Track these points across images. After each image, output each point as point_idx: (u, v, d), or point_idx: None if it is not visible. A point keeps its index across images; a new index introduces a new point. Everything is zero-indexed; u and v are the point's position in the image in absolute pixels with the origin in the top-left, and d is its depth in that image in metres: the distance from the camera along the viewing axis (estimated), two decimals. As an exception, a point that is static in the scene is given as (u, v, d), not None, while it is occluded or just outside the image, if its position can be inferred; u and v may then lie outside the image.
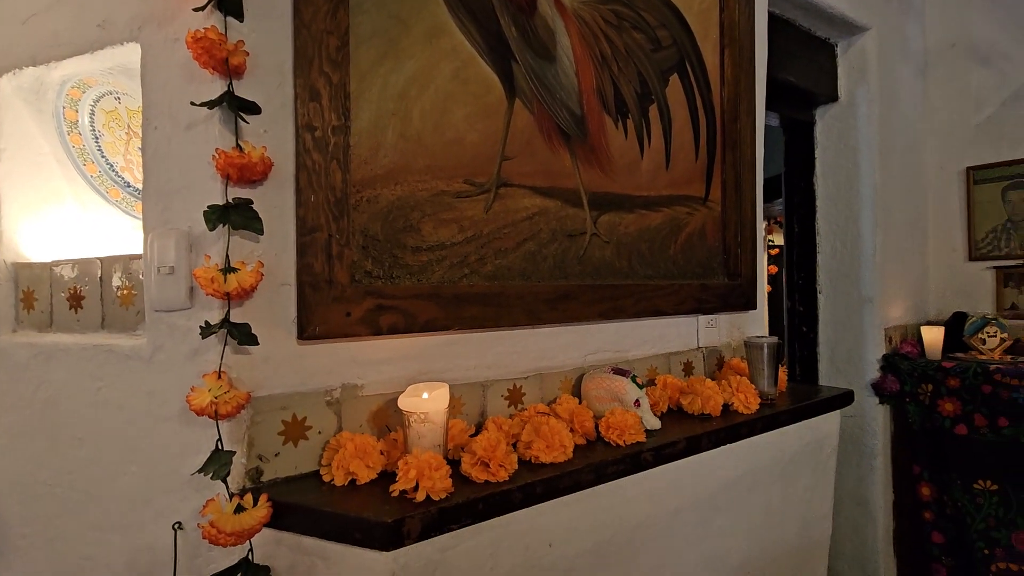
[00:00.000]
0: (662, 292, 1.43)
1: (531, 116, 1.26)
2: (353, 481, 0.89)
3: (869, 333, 2.18)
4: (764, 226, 4.72)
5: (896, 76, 2.31)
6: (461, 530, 0.82)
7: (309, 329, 0.92)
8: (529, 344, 1.22)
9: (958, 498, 1.94)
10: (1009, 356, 2.03)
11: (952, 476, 1.96)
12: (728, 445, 1.20)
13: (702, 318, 1.55)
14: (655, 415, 1.20)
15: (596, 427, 1.12)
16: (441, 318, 1.06)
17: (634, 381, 1.17)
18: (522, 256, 1.24)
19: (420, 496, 0.81)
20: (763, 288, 1.71)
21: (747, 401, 1.28)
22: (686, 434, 1.12)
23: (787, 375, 1.58)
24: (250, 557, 0.83)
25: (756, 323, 1.68)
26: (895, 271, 2.26)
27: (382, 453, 0.93)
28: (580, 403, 1.19)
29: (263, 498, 0.82)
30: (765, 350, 1.37)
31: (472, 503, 0.82)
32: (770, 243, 4.66)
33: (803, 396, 1.45)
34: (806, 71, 2.16)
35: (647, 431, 1.13)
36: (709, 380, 1.31)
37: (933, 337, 2.11)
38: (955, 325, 2.18)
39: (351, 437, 0.92)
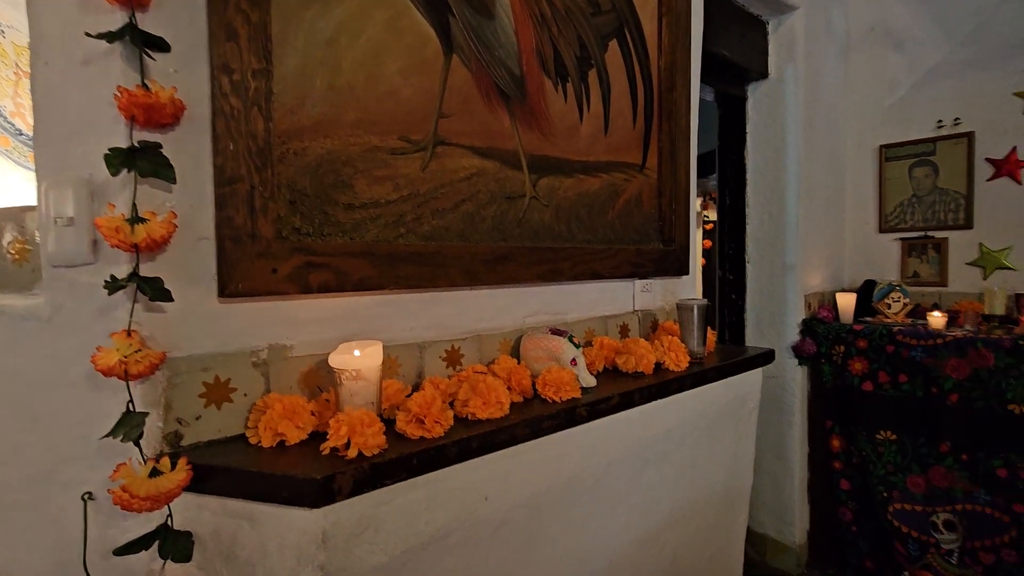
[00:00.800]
0: (600, 256, 1.46)
1: (469, 74, 1.23)
2: (282, 443, 0.86)
3: (791, 299, 2.32)
4: (700, 202, 4.91)
5: (821, 56, 2.43)
6: (395, 485, 0.81)
7: (231, 286, 0.87)
8: (467, 305, 1.21)
9: (863, 448, 2.13)
10: (910, 319, 2.23)
11: (858, 428, 2.14)
12: (659, 401, 1.25)
13: (638, 282, 1.59)
14: (591, 374, 1.23)
15: (533, 385, 1.13)
16: (375, 277, 1.03)
17: (571, 341, 1.19)
18: (460, 217, 1.23)
19: (352, 453, 0.79)
20: (696, 254, 1.77)
21: (678, 360, 1.34)
22: (620, 390, 1.16)
23: (716, 339, 1.67)
24: (169, 523, 0.79)
25: (689, 288, 1.74)
26: (815, 242, 2.41)
27: (313, 414, 0.91)
28: (519, 364, 1.20)
29: (182, 461, 0.77)
30: (695, 311, 1.43)
31: (406, 458, 0.81)
32: (706, 219, 4.85)
33: (729, 355, 1.53)
34: (740, 47, 2.23)
35: (583, 388, 1.16)
36: (643, 340, 1.35)
37: (846, 303, 2.28)
38: (865, 292, 2.36)
39: (279, 398, 0.88)
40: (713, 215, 3.99)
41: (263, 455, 0.83)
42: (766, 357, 1.59)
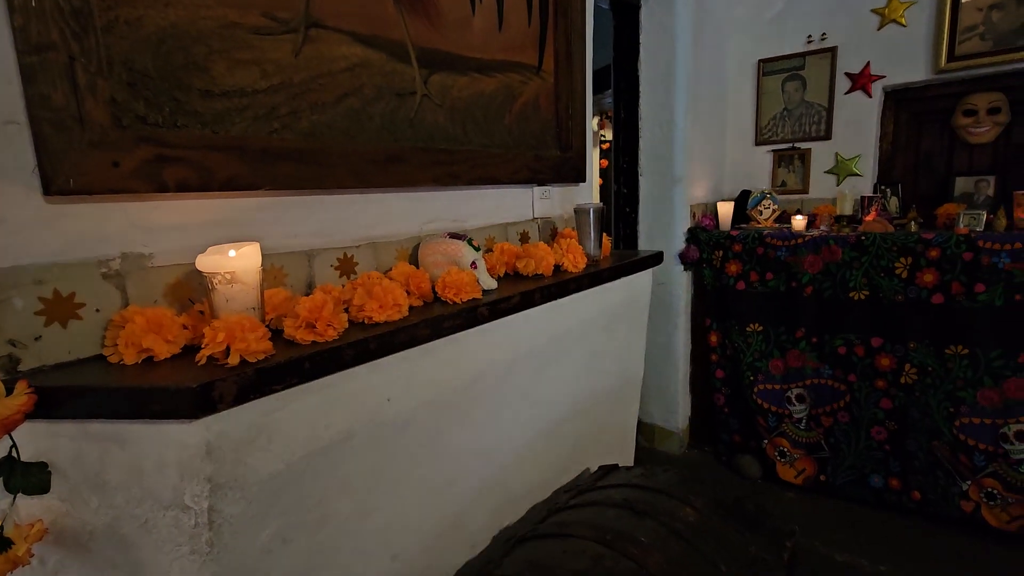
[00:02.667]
0: (497, 161, 1.42)
1: (343, -58, 1.08)
2: (150, 360, 0.77)
3: (678, 210, 2.46)
4: (597, 121, 4.94)
5: (710, -34, 2.45)
6: (287, 391, 0.77)
7: (59, 181, 0.73)
8: (359, 210, 1.13)
9: (735, 340, 2.39)
10: (777, 224, 2.46)
11: (732, 323, 2.40)
12: (559, 300, 1.28)
13: (537, 189, 1.58)
14: (492, 277, 1.23)
15: (433, 290, 1.11)
16: (247, 175, 0.92)
17: (470, 244, 1.17)
18: (345, 113, 1.11)
19: (233, 360, 0.73)
20: (592, 162, 1.79)
21: (576, 261, 1.37)
22: (520, 291, 1.17)
23: (611, 247, 1.74)
24: (14, 454, 0.69)
25: (586, 196, 1.77)
26: (701, 155, 2.54)
27: (186, 327, 0.81)
28: (418, 270, 1.16)
29: (20, 385, 0.67)
30: (591, 214, 1.46)
31: (296, 362, 0.76)
32: (603, 138, 4.92)
33: (623, 258, 1.61)
34: (634, -52, 2.17)
35: (484, 290, 1.15)
36: (543, 244, 1.36)
37: (725, 211, 2.46)
38: (742, 200, 2.56)
39: (140, 310, 0.78)
40: (610, 135, 4.05)
41: (127, 372, 0.74)
42: (655, 258, 1.69)
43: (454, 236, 1.19)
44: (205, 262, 0.76)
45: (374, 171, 1.11)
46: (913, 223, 2.09)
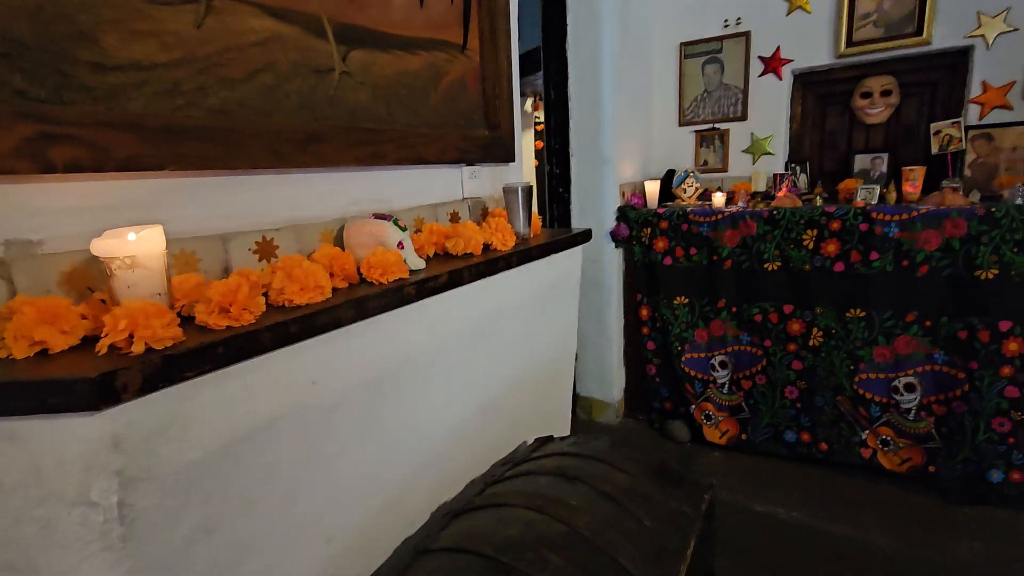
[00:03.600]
0: (425, 140, 1.40)
1: (244, -94, 1.02)
2: (45, 352, 0.72)
3: (608, 189, 2.53)
4: (531, 102, 4.94)
5: (633, -52, 2.49)
6: (201, 378, 0.74)
7: (-79, 161, 0.66)
8: (279, 191, 1.10)
9: (664, 313, 2.51)
10: (700, 201, 2.59)
11: (660, 297, 2.51)
12: (488, 278, 1.30)
13: (466, 169, 1.58)
14: (420, 258, 1.22)
15: (359, 271, 1.09)
16: (149, 155, 0.87)
17: (396, 224, 1.16)
18: (258, 90, 1.07)
19: (138, 348, 0.69)
20: (521, 142, 1.80)
21: (504, 239, 1.39)
22: (448, 269, 1.17)
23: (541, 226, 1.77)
24: None
25: (516, 176, 1.79)
26: (629, 135, 2.62)
27: (85, 318, 0.77)
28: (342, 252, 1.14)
29: None
30: (519, 193, 1.48)
31: (209, 348, 0.74)
32: (536, 120, 4.95)
33: (552, 236, 1.64)
34: (558, -73, 2.18)
35: (411, 270, 1.15)
36: (472, 223, 1.37)
37: (652, 190, 2.56)
38: (667, 179, 2.66)
39: (30, 300, 0.72)
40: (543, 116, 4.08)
41: (18, 367, 0.69)
42: (584, 236, 1.74)
43: (379, 217, 1.17)
44: (101, 247, 0.72)
45: (293, 151, 1.08)
46: (819, 198, 2.25)
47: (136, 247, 0.72)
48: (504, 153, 1.68)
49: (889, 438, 2.13)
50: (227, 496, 0.81)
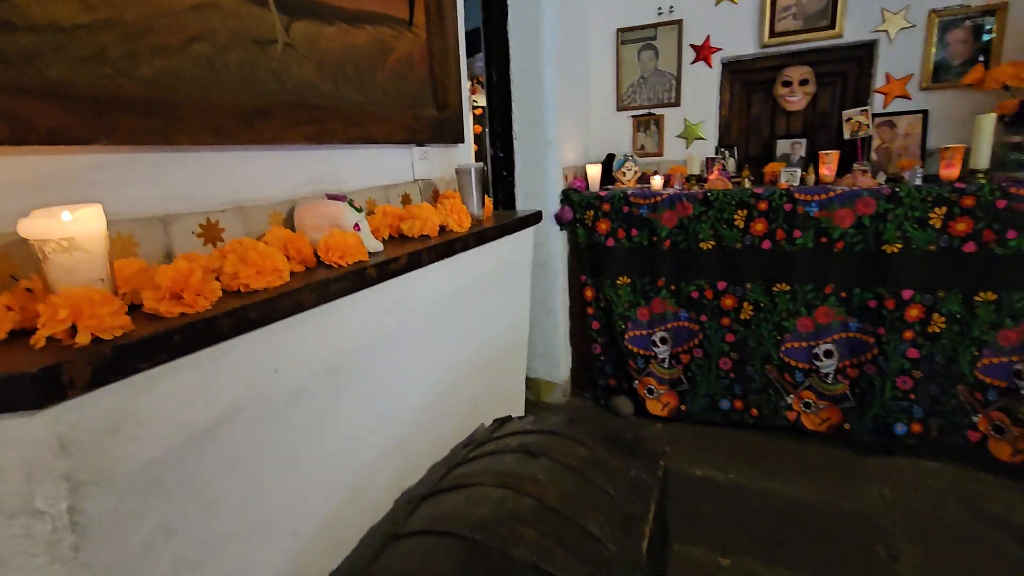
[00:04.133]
0: (374, 119, 1.36)
1: None
2: (-35, 349, 0.64)
3: (552, 173, 2.56)
4: (468, 86, 4.88)
5: (570, -69, 2.51)
6: (156, 369, 0.69)
7: None
8: (223, 170, 1.02)
9: (608, 293, 2.59)
10: (639, 184, 2.68)
11: (604, 278, 2.59)
12: (447, 260, 1.29)
13: (416, 149, 1.55)
14: (376, 240, 1.19)
15: (316, 255, 1.05)
16: (77, 127, 0.78)
17: (351, 205, 1.12)
18: (195, 61, 0.99)
19: (83, 338, 0.63)
20: (470, 123, 1.78)
21: (461, 221, 1.38)
22: (408, 251, 1.15)
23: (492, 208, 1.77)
24: None
25: (465, 157, 1.77)
26: (570, 118, 2.65)
27: (9, 309, 0.68)
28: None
29: None
30: (473, 174, 1.47)
31: (164, 336, 0.68)
32: (474, 104, 4.89)
33: (504, 218, 1.64)
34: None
35: (370, 253, 1.11)
36: (427, 204, 1.34)
37: (594, 173, 2.61)
38: (607, 163, 2.73)
39: (-57, 291, 0.64)
40: (482, 100, 4.04)
41: (-65, 366, 0.61)
42: (535, 217, 1.75)
43: (333, 197, 1.13)
44: (32, 228, 0.64)
45: (237, 126, 1.01)
46: (747, 180, 2.40)
47: (74, 228, 0.65)
48: (453, 134, 1.66)
49: (811, 401, 2.33)
50: (188, 495, 0.76)
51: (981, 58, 2.16)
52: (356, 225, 1.11)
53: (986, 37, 2.15)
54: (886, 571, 1.64)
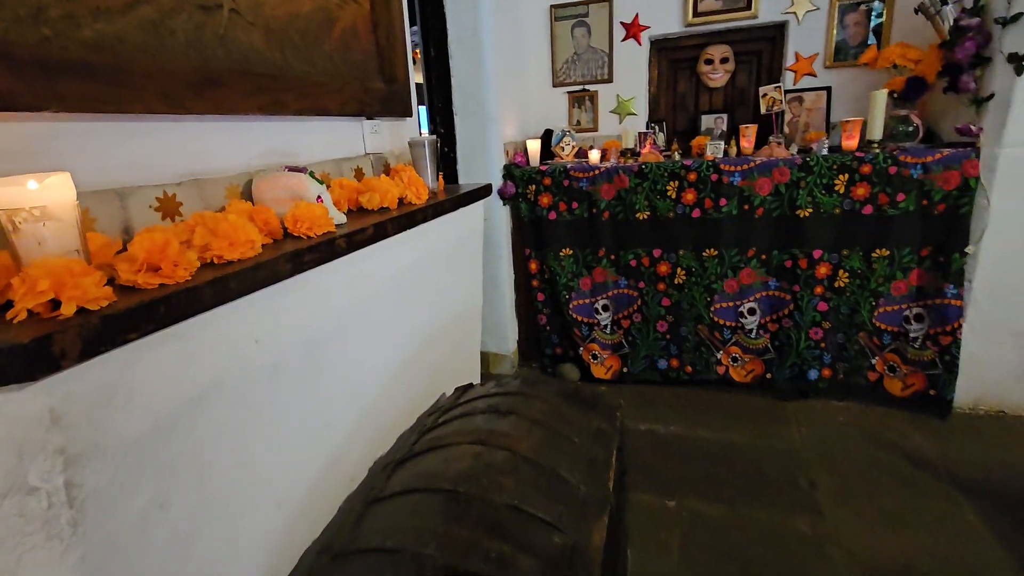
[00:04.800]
0: (325, 90, 1.33)
1: None
2: (-74, 329, 0.60)
3: (494, 148, 2.59)
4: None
5: (501, -96, 2.50)
6: (142, 340, 0.68)
7: None
8: (177, 140, 0.98)
9: (552, 265, 2.68)
10: (577, 159, 2.77)
11: (548, 251, 2.68)
12: (408, 232, 1.30)
13: (366, 123, 1.53)
14: (339, 212, 1.19)
15: (283, 227, 1.04)
16: (21, 92, 0.73)
17: (313, 177, 1.11)
18: (139, 25, 0.93)
19: (68, 310, 0.61)
20: (415, 97, 1.78)
21: (418, 193, 1.39)
22: (373, 222, 1.16)
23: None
24: None
25: (414, 132, 1.77)
26: (508, 96, 2.69)
27: (-28, 285, 0.65)
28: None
29: None
30: (427, 147, 1.48)
31: (150, 307, 0.67)
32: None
33: (456, 191, 1.67)
34: None
35: (336, 224, 1.11)
36: (384, 176, 1.35)
37: (534, 149, 2.67)
38: (546, 138, 2.80)
39: (-102, 267, 0.59)
40: (417, 76, 3.97)
41: (-102, 346, 0.57)
42: (485, 190, 1.79)
43: (293, 169, 1.11)
44: (1, 196, 0.61)
45: (189, 95, 0.97)
46: (676, 153, 2.55)
47: (45, 196, 0.62)
48: (402, 107, 1.65)
49: (737, 355, 2.56)
50: (180, 466, 0.75)
51: (873, 40, 2.41)
52: (319, 197, 1.11)
53: (877, 20, 2.40)
54: (807, 497, 1.87)
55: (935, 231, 2.14)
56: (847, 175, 2.18)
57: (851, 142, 2.21)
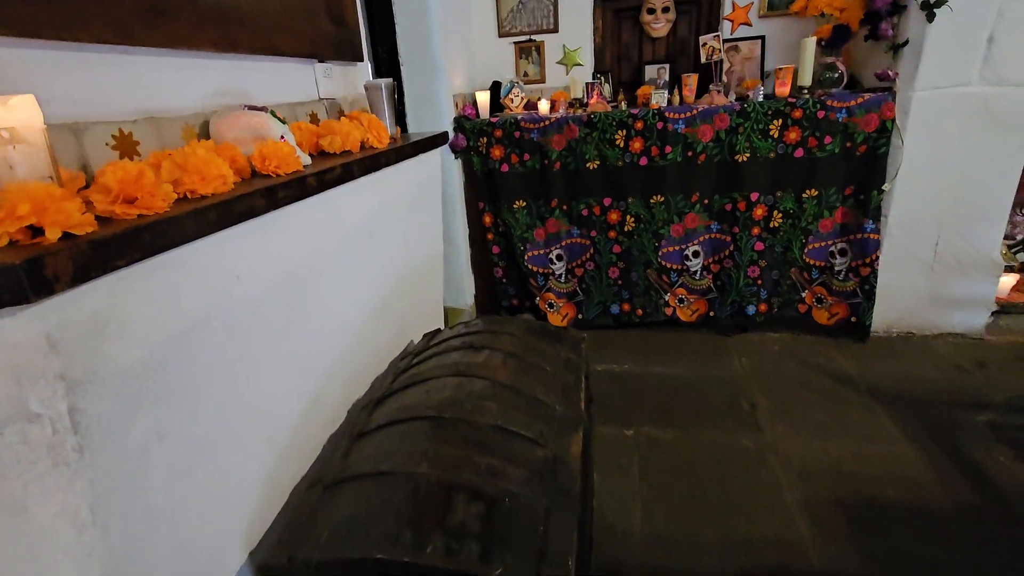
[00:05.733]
0: (278, 30, 1.28)
1: None
2: None
3: (443, 100, 2.56)
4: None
5: None
6: (131, 268, 0.67)
7: None
8: (130, 74, 0.93)
9: (506, 218, 2.72)
10: (527, 110, 2.78)
11: (501, 203, 2.70)
12: (372, 175, 1.30)
13: (319, 66, 1.48)
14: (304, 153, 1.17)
15: (249, 166, 1.01)
16: (-41, 11, 0.68)
17: (275, 116, 1.08)
18: (71, -55, 0.86)
19: (52, 234, 0.60)
20: (364, 43, 1.72)
21: (380, 136, 1.38)
22: (340, 163, 1.15)
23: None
24: None
25: (365, 76, 1.72)
26: (455, 46, 2.64)
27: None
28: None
29: None
30: (384, 90, 1.46)
31: (135, 233, 0.66)
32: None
33: (414, 138, 1.66)
34: None
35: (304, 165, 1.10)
36: (346, 120, 1.32)
37: (483, 100, 2.66)
38: (495, 90, 2.78)
39: None
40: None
41: None
42: (443, 137, 1.79)
43: (252, 108, 1.08)
44: (-37, 117, 0.57)
45: (138, 24, 0.91)
46: (623, 103, 2.62)
47: (12, 117, 0.59)
48: (353, 51, 1.61)
49: (683, 296, 2.73)
50: (175, 398, 0.76)
51: (802, -10, 2.53)
52: (282, 137, 1.08)
53: (806, -28, 2.52)
54: (748, 417, 2.06)
55: (857, 171, 2.34)
56: (781, 120, 2.32)
57: (784, 89, 2.34)
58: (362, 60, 1.65)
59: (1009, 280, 2.43)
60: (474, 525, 0.88)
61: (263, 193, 0.89)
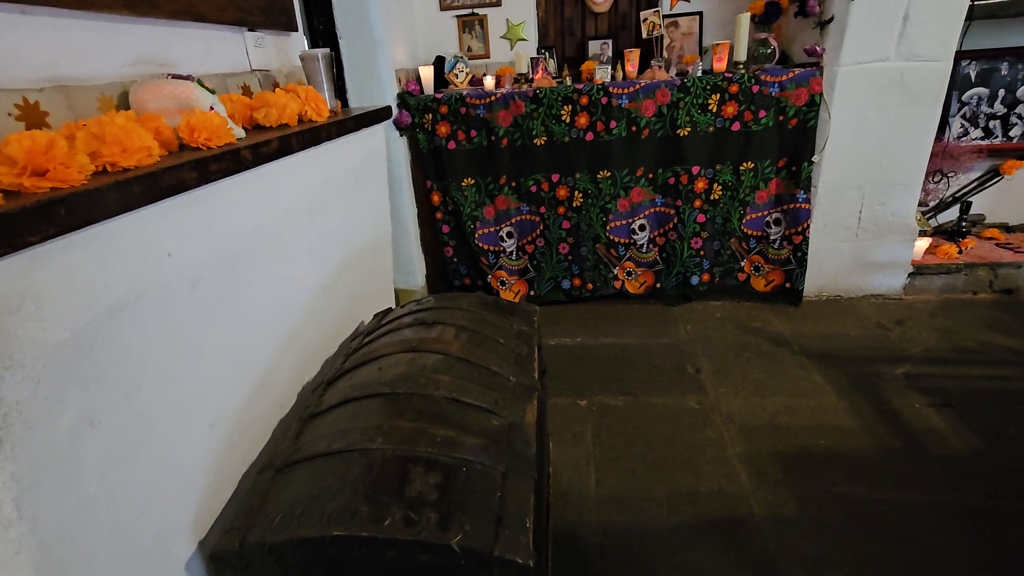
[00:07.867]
0: (196, -8, 1.20)
1: None
2: None
3: (385, 75, 2.48)
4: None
5: None
6: (47, 245, 0.62)
7: None
8: (32, 39, 0.85)
9: (455, 196, 2.69)
10: (471, 86, 2.74)
11: (449, 181, 2.67)
12: (313, 149, 1.25)
13: (249, 35, 1.40)
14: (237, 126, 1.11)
15: (176, 138, 0.95)
16: None
17: (202, 85, 1.02)
18: None
19: (-47, 208, 0.55)
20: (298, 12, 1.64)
21: (319, 109, 1.33)
22: (277, 136, 1.10)
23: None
24: None
25: (299, 48, 1.65)
26: (395, 18, 2.55)
27: None
28: (137, 120, 0.96)
29: None
30: (321, 61, 1.40)
31: (47, 207, 0.62)
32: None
33: (355, 112, 1.61)
34: None
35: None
36: (281, 91, 1.26)
37: (427, 76, 2.60)
38: (438, 65, 2.73)
39: None
40: None
41: None
42: (386, 112, 1.74)
43: (177, 77, 1.01)
44: None
45: (38, -19, 0.83)
46: (567, 79, 2.62)
47: None
48: (286, 19, 1.53)
49: (631, 269, 2.80)
50: (105, 381, 0.72)
51: (737, -33, 2.60)
52: (212, 108, 1.02)
53: (739, -51, 2.59)
54: (694, 380, 2.16)
55: (789, 143, 2.45)
56: (719, 95, 2.40)
57: (720, 64, 2.42)
58: (296, 30, 1.58)
59: (923, 243, 2.63)
60: (432, 495, 0.89)
61: (193, 166, 0.85)
